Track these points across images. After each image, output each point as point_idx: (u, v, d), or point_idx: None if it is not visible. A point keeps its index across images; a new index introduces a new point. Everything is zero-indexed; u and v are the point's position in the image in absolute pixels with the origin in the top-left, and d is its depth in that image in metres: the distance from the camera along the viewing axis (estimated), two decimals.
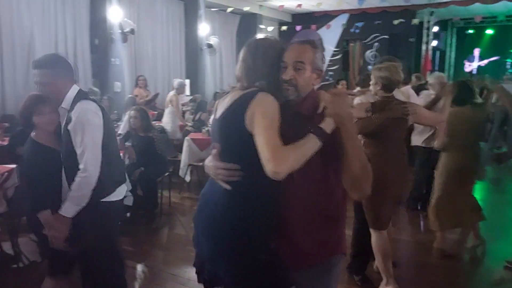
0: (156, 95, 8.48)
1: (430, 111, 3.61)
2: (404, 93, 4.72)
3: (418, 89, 7.87)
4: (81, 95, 2.41)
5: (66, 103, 2.38)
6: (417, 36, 12.64)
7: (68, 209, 2.29)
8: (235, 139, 1.67)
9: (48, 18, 7.67)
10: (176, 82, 7.71)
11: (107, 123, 2.45)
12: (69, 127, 2.32)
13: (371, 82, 3.16)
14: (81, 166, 2.28)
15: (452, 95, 3.61)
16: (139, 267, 3.77)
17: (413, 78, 9.62)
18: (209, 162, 1.75)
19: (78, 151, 2.29)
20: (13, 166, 4.02)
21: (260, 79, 1.70)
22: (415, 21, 11.53)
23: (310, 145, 1.55)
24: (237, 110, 1.65)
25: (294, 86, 1.70)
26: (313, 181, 1.66)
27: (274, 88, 1.69)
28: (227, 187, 1.65)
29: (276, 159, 1.49)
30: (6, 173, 3.79)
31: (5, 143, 4.92)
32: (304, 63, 1.71)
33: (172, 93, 7.49)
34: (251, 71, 1.73)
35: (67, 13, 7.96)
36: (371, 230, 3.13)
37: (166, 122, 7.25)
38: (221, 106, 1.76)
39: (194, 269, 3.65)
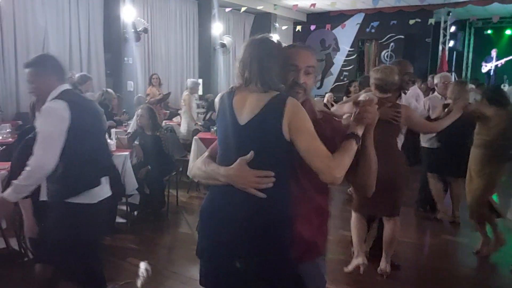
0: (168, 94, 8.51)
1: (424, 119, 3.68)
2: (412, 93, 4.70)
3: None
4: (62, 95, 2.43)
5: (47, 101, 2.45)
6: (434, 37, 12.45)
7: (10, 195, 2.33)
8: (269, 146, 1.63)
9: (62, 18, 7.79)
10: (189, 81, 7.67)
11: (83, 123, 2.43)
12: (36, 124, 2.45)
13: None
14: (29, 161, 2.31)
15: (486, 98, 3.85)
16: (142, 265, 3.79)
17: (430, 78, 9.48)
18: (234, 171, 1.63)
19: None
20: None
21: (275, 81, 1.67)
22: (431, 20, 11.35)
23: (351, 150, 1.64)
24: (271, 116, 1.61)
25: (304, 89, 1.75)
26: (314, 180, 1.67)
27: (287, 91, 1.70)
28: (262, 195, 1.61)
29: (333, 168, 1.57)
30: None
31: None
32: (314, 67, 1.77)
33: (185, 93, 7.47)
34: (266, 73, 1.66)
35: (81, 13, 8.07)
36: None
37: (185, 124, 7.27)
38: (243, 110, 1.67)
39: (196, 268, 3.69)
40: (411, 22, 11.19)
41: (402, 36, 12.57)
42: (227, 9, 11.07)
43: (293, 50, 1.77)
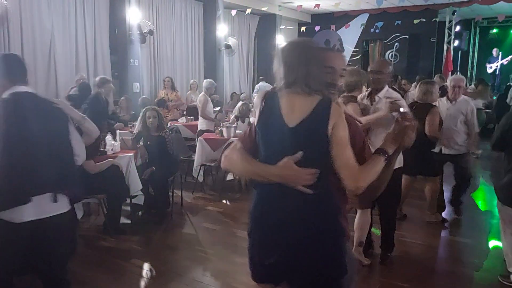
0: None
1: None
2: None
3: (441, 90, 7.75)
4: (11, 96, 2.32)
5: None
6: (439, 36, 12.43)
7: None
8: (316, 146, 1.71)
9: (69, 20, 7.87)
10: (205, 82, 7.63)
11: (14, 130, 2.23)
12: None
13: None
14: None
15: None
16: (145, 266, 3.82)
17: (436, 78, 9.45)
18: (288, 170, 1.70)
19: None
20: None
21: (319, 84, 1.74)
22: (437, 18, 11.34)
23: (379, 166, 1.72)
24: (319, 119, 1.70)
25: (337, 91, 1.87)
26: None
27: (327, 93, 1.78)
28: (310, 191, 1.70)
29: (358, 180, 1.67)
30: None
31: None
32: (346, 70, 1.90)
33: (201, 94, 7.48)
34: (312, 76, 1.72)
35: (87, 16, 8.15)
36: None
37: (201, 123, 7.29)
38: (291, 113, 1.73)
39: (199, 269, 3.75)
40: (416, 21, 11.19)
41: (407, 36, 12.57)
42: (233, 12, 11.11)
43: (331, 53, 1.88)
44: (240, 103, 7.69)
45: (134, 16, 8.73)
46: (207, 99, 7.24)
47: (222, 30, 11.08)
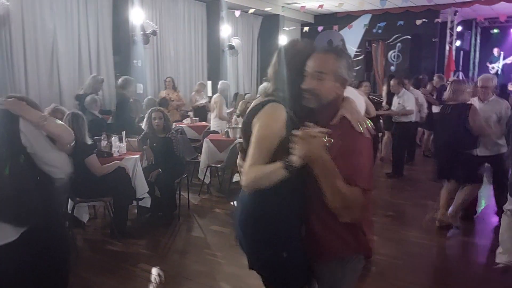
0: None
1: None
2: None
3: (440, 90, 7.77)
4: None
5: None
6: (441, 36, 12.41)
7: None
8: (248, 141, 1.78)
9: (71, 21, 7.80)
10: (220, 83, 7.72)
11: None
12: None
13: None
14: None
15: None
16: (154, 271, 3.76)
17: (435, 78, 9.44)
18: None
19: None
20: None
21: (286, 86, 1.76)
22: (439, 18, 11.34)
23: (275, 172, 1.65)
24: (249, 118, 1.80)
25: (315, 95, 1.72)
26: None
27: (298, 96, 1.73)
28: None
29: (245, 174, 1.71)
30: None
31: None
32: (323, 73, 1.71)
33: (216, 95, 7.50)
34: (279, 77, 1.79)
35: (90, 16, 8.09)
36: None
37: (216, 126, 7.26)
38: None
39: (209, 273, 3.69)
40: (418, 22, 11.16)
41: (409, 36, 12.53)
42: (237, 12, 11.06)
43: (313, 54, 1.77)
44: (240, 102, 7.66)
45: (137, 16, 8.67)
46: (223, 100, 7.35)
47: (225, 30, 11.02)
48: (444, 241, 4.55)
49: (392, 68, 12.84)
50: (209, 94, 10.68)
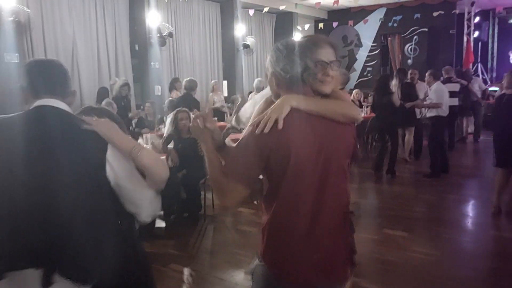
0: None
1: None
2: None
3: (445, 82, 7.62)
4: None
5: None
6: (458, 28, 12.23)
7: None
8: None
9: (90, 26, 7.89)
10: (256, 81, 7.75)
11: None
12: None
13: None
14: None
15: None
16: (186, 271, 3.77)
17: (444, 69, 9.17)
18: None
19: None
20: None
21: None
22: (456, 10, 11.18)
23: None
24: None
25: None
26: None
27: None
28: None
29: None
30: None
31: None
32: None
33: (253, 93, 7.54)
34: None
35: (108, 20, 8.16)
36: None
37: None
38: None
39: (241, 273, 3.68)
40: (435, 14, 11.02)
41: (426, 29, 12.38)
42: (250, 11, 11.04)
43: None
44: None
45: (153, 19, 8.72)
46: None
47: (239, 30, 11.03)
48: (481, 238, 4.48)
49: (409, 61, 12.71)
50: (225, 94, 10.70)
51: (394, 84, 7.07)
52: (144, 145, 4.81)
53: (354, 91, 9.26)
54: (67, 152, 1.52)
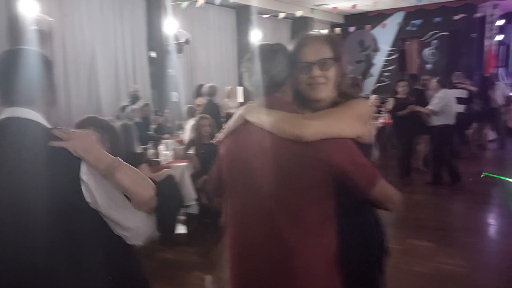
0: None
1: None
2: None
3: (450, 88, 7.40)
4: None
5: None
6: (480, 31, 12.00)
7: None
8: None
9: (108, 34, 7.95)
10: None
11: None
12: None
13: None
14: None
15: None
16: (208, 278, 3.71)
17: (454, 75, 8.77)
18: None
19: None
20: None
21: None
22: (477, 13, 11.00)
23: None
24: None
25: None
26: None
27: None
28: None
29: None
30: None
31: None
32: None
33: None
34: None
35: (125, 28, 8.23)
36: None
37: None
38: None
39: None
40: (456, 17, 10.84)
41: (446, 33, 12.18)
42: (265, 16, 11.02)
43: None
44: None
45: (170, 26, 8.74)
46: None
47: (255, 36, 11.00)
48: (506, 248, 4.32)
49: (428, 66, 12.52)
50: (240, 100, 10.65)
51: (401, 89, 6.90)
52: (166, 151, 4.81)
53: (372, 97, 9.14)
54: (32, 172, 1.31)
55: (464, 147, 8.29)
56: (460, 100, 7.00)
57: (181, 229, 4.81)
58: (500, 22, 12.42)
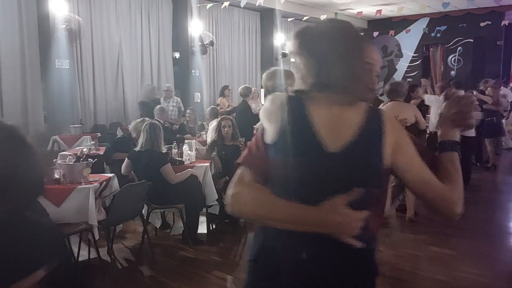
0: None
1: None
2: None
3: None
4: None
5: None
6: (506, 39, 11.82)
7: None
8: (365, 178, 1.21)
9: (135, 34, 8.10)
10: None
11: None
12: None
13: None
14: None
15: None
16: (229, 278, 3.76)
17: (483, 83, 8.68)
18: (333, 216, 1.14)
19: None
20: (111, 175, 4.24)
21: (361, 87, 1.27)
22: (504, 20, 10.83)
23: (459, 165, 1.35)
24: (370, 139, 1.23)
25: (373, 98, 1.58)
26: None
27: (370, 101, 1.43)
28: (360, 244, 1.17)
29: (457, 203, 1.25)
30: (105, 182, 3.97)
31: (100, 152, 5.21)
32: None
33: None
34: (353, 75, 1.23)
35: (152, 29, 8.37)
36: None
37: None
38: (330, 132, 1.23)
39: None
40: (482, 24, 10.70)
41: (471, 40, 12.03)
42: (289, 19, 11.07)
43: (368, 45, 1.37)
44: None
45: (196, 28, 8.86)
46: None
47: (279, 38, 11.06)
48: None
49: (453, 73, 12.38)
50: (263, 102, 10.70)
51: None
52: (189, 152, 4.88)
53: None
54: None
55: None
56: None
57: (202, 229, 4.87)
58: None
